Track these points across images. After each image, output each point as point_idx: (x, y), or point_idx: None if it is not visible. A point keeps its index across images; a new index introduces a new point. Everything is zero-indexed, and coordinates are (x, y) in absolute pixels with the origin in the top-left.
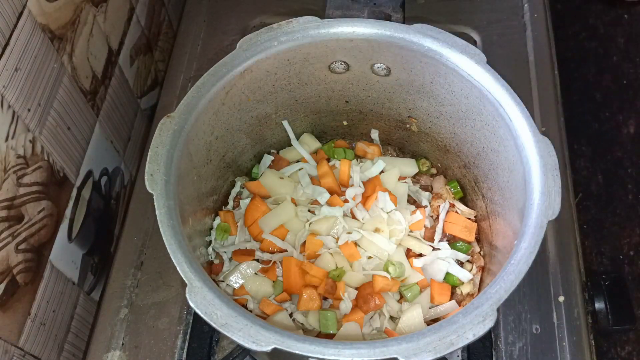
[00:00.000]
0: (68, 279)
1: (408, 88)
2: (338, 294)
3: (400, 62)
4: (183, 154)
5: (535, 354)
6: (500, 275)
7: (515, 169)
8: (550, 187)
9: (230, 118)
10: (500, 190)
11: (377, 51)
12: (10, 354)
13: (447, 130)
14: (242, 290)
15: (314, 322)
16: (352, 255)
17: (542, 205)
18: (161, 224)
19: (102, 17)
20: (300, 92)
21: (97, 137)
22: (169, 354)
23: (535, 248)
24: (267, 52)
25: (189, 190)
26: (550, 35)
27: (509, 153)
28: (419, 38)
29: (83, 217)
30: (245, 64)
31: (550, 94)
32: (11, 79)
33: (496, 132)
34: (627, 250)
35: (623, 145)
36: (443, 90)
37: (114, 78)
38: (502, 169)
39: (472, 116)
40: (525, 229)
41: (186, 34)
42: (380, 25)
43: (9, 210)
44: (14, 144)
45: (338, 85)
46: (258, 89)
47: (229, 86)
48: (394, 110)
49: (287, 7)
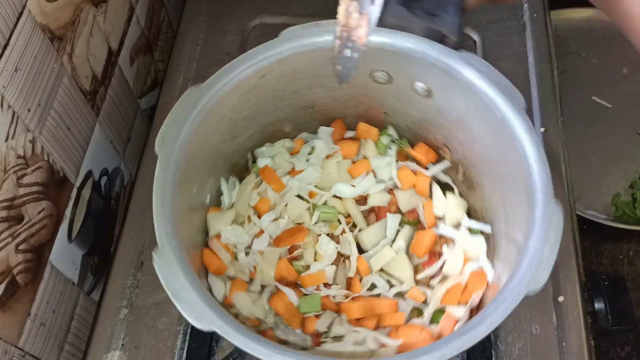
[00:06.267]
0: (68, 279)
1: (447, 115)
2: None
3: (442, 87)
4: (204, 124)
5: (535, 354)
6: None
7: (524, 227)
8: (544, 259)
9: (262, 102)
10: (507, 239)
11: (419, 70)
12: (10, 354)
13: (476, 169)
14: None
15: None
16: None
17: (526, 275)
18: (155, 183)
19: (102, 17)
20: (339, 93)
21: (97, 137)
22: (169, 354)
23: (502, 317)
24: (310, 46)
25: (201, 159)
26: (550, 35)
27: (523, 210)
28: (461, 66)
29: (83, 217)
30: (284, 53)
31: (550, 94)
32: (11, 79)
33: (516, 184)
34: (626, 250)
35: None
36: (478, 127)
37: (114, 78)
38: (513, 226)
39: (500, 160)
40: (500, 295)
41: (186, 34)
42: (425, 44)
43: (9, 210)
44: (14, 144)
45: (378, 95)
46: (295, 81)
47: (264, 71)
48: (431, 135)
49: (287, 7)
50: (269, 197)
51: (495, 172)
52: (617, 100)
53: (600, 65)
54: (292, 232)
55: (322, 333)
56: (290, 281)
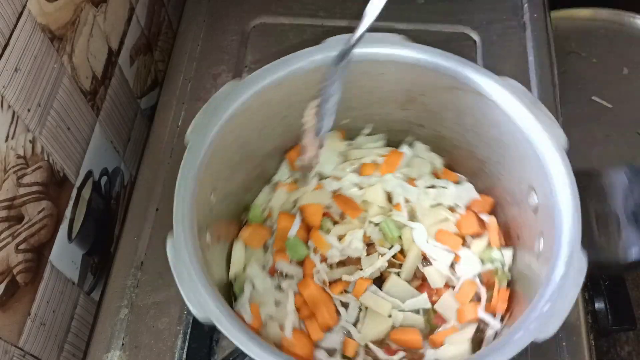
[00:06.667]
0: (68, 279)
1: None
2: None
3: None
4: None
5: (535, 354)
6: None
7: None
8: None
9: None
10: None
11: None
12: (10, 354)
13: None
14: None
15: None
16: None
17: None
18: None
19: (102, 17)
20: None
21: (97, 137)
22: (169, 354)
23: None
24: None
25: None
26: (550, 35)
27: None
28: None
29: (83, 217)
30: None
31: (550, 94)
32: (11, 79)
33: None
34: None
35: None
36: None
37: (114, 78)
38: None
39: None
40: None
41: (186, 34)
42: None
43: (9, 210)
44: (14, 144)
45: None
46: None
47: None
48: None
49: (287, 7)
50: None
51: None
52: (617, 100)
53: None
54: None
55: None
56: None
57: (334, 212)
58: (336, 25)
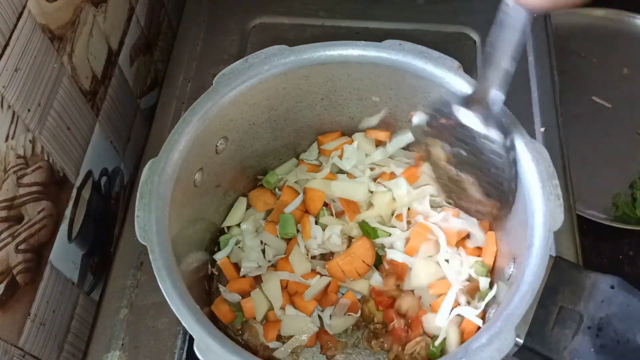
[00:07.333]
0: (68, 279)
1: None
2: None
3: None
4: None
5: None
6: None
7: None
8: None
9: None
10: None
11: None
12: (10, 354)
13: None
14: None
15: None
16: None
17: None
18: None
19: (102, 17)
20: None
21: (97, 137)
22: (169, 354)
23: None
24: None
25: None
26: (550, 35)
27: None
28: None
29: (83, 217)
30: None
31: (550, 94)
32: (11, 79)
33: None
34: (627, 250)
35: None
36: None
37: (114, 78)
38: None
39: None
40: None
41: (186, 34)
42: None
43: (9, 210)
44: (14, 144)
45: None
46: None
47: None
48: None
49: (287, 7)
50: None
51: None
52: (617, 100)
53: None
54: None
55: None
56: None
57: (336, 206)
58: (336, 25)
